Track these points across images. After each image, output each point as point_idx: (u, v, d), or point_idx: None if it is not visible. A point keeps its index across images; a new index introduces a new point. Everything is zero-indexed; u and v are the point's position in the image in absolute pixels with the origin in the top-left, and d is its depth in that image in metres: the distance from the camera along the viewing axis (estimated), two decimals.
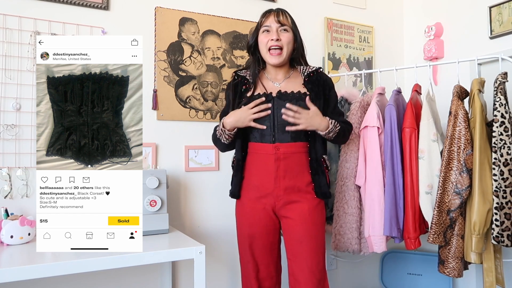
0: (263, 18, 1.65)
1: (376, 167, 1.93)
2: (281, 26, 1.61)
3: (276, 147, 1.59)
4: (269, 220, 1.63)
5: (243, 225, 1.68)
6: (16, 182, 1.73)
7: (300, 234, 1.58)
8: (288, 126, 1.56)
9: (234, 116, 1.58)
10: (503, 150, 1.68)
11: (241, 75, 1.70)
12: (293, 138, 1.60)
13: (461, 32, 2.42)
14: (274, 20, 1.61)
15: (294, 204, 1.60)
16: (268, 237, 1.65)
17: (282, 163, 1.59)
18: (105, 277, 1.86)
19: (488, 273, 1.76)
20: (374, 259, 2.62)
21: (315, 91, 1.63)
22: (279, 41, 1.60)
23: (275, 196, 1.60)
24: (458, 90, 1.82)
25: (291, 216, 1.60)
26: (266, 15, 1.65)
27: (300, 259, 1.58)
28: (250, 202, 1.64)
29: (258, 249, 1.65)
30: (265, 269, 1.66)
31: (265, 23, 1.63)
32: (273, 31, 1.61)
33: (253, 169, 1.64)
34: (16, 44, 1.75)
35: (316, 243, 1.59)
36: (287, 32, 1.62)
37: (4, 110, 1.72)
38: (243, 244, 1.69)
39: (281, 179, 1.59)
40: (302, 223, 1.58)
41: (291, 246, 1.61)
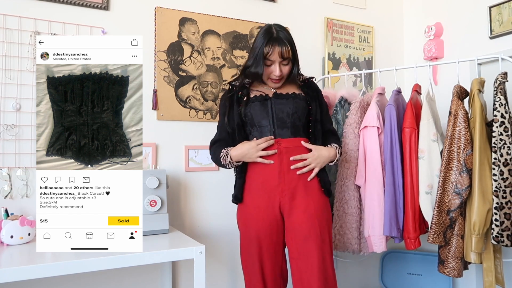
0: (267, 48, 1.60)
1: (376, 167, 1.93)
2: (283, 60, 1.63)
3: (278, 142, 1.61)
4: (273, 219, 1.61)
5: (250, 228, 1.64)
6: (16, 182, 1.73)
7: (305, 231, 1.56)
8: (299, 171, 1.60)
9: (241, 150, 1.60)
10: (503, 150, 1.68)
11: (236, 85, 1.72)
12: (293, 133, 1.63)
13: (461, 32, 2.42)
14: (278, 55, 1.60)
15: (299, 200, 1.59)
16: (272, 238, 1.62)
17: (285, 156, 1.60)
18: (105, 277, 1.86)
19: (488, 273, 1.76)
20: (374, 259, 2.62)
21: (310, 95, 1.68)
22: (281, 73, 1.64)
23: (280, 191, 1.59)
24: (458, 90, 1.82)
25: (295, 213, 1.58)
26: (272, 47, 1.60)
27: (306, 257, 1.55)
28: (253, 204, 1.63)
29: (264, 250, 1.62)
30: (271, 271, 1.63)
31: (269, 57, 1.61)
32: (276, 67, 1.62)
33: (256, 168, 1.63)
34: (16, 44, 1.75)
35: (322, 241, 1.56)
36: (287, 65, 1.65)
37: (4, 110, 1.72)
38: (249, 248, 1.64)
39: (285, 173, 1.59)
40: (308, 220, 1.57)
41: (296, 245, 1.58)
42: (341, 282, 2.53)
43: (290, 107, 1.62)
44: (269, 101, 1.64)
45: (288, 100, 1.64)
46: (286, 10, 2.43)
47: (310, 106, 1.66)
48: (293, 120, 1.62)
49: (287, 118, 1.62)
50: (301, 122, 1.64)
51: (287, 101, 1.63)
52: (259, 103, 1.63)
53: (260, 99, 1.64)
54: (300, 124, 1.64)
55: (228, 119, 1.67)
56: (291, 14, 2.44)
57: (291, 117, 1.62)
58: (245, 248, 1.67)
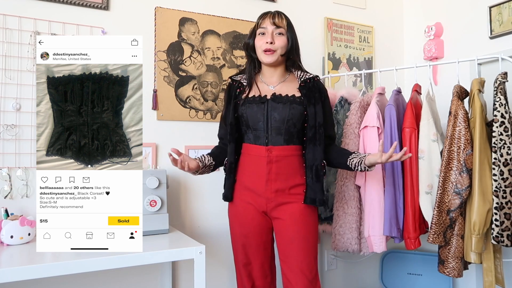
0: (260, 20, 1.67)
1: (376, 167, 1.93)
2: (276, 28, 1.63)
3: (269, 150, 1.60)
4: (261, 219, 1.64)
5: (236, 225, 1.68)
6: (16, 182, 1.73)
7: (291, 235, 1.59)
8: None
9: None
10: (503, 150, 1.68)
11: (236, 80, 1.72)
12: (286, 141, 1.61)
13: (461, 32, 2.42)
14: (270, 22, 1.63)
15: (285, 205, 1.60)
16: (261, 236, 1.65)
17: (274, 165, 1.59)
18: (105, 277, 1.86)
19: (488, 273, 1.76)
20: (374, 259, 2.62)
21: (308, 97, 1.63)
22: (273, 44, 1.62)
23: (266, 198, 1.60)
24: (458, 90, 1.82)
25: (282, 217, 1.61)
26: (263, 17, 1.67)
27: (291, 259, 1.59)
28: (243, 202, 1.65)
29: (251, 248, 1.65)
30: (259, 268, 1.67)
31: (261, 25, 1.65)
32: (268, 33, 1.63)
33: (245, 171, 1.65)
34: (16, 44, 1.75)
35: (307, 244, 1.59)
36: (282, 36, 1.64)
37: (4, 110, 1.72)
38: (236, 244, 1.69)
39: (272, 182, 1.59)
40: (293, 224, 1.59)
41: (283, 247, 1.61)
42: (341, 282, 2.53)
43: (286, 113, 1.59)
44: (266, 104, 1.62)
45: (285, 104, 1.60)
46: (286, 10, 2.40)
47: (306, 111, 1.61)
48: (287, 127, 1.60)
49: (282, 125, 1.59)
50: (296, 128, 1.62)
51: (283, 106, 1.60)
52: (255, 105, 1.62)
53: (257, 101, 1.62)
54: (294, 131, 1.62)
55: (225, 115, 1.69)
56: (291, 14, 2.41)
57: (285, 123, 1.59)
58: (235, 246, 1.71)
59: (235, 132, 1.65)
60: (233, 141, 1.65)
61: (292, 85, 1.68)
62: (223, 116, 1.74)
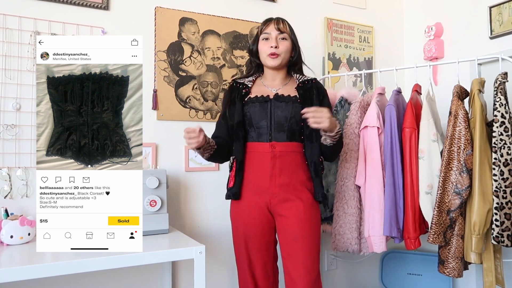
0: (263, 26, 1.71)
1: (376, 167, 1.93)
2: (280, 33, 1.67)
3: (272, 146, 1.62)
4: (264, 218, 1.64)
5: (238, 225, 1.69)
6: (16, 182, 1.73)
7: (295, 232, 1.60)
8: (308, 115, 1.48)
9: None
10: (503, 150, 1.68)
11: (240, 82, 1.75)
12: (288, 137, 1.64)
13: (461, 32, 2.42)
14: (274, 28, 1.67)
15: (290, 202, 1.61)
16: (264, 236, 1.66)
17: (278, 161, 1.62)
18: (105, 277, 1.86)
19: (488, 273, 1.76)
20: (374, 259, 2.62)
21: (304, 96, 1.66)
22: (277, 48, 1.65)
23: (271, 193, 1.62)
24: (458, 90, 1.82)
25: (286, 214, 1.62)
26: (267, 23, 1.70)
27: (295, 257, 1.59)
28: (246, 200, 1.65)
29: (254, 248, 1.66)
30: (262, 269, 1.67)
31: (265, 31, 1.69)
32: (272, 38, 1.67)
33: (250, 168, 1.66)
34: (16, 44, 1.75)
35: (311, 242, 1.60)
36: (285, 41, 1.68)
37: (4, 110, 1.72)
38: (238, 244, 1.69)
39: (276, 177, 1.61)
40: (298, 222, 1.60)
41: (286, 245, 1.62)
42: (341, 282, 2.53)
43: (289, 111, 1.63)
44: (269, 103, 1.65)
45: (287, 103, 1.65)
46: (286, 10, 2.42)
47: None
48: (290, 125, 1.63)
49: (285, 122, 1.63)
50: (298, 126, 1.65)
51: (286, 105, 1.65)
52: (259, 104, 1.66)
53: (260, 100, 1.66)
54: (297, 129, 1.65)
55: (229, 115, 1.69)
56: (291, 14, 2.43)
57: (288, 121, 1.63)
58: (237, 245, 1.71)
59: (242, 130, 1.67)
60: (242, 139, 1.66)
61: (292, 87, 1.72)
62: (222, 115, 1.75)
